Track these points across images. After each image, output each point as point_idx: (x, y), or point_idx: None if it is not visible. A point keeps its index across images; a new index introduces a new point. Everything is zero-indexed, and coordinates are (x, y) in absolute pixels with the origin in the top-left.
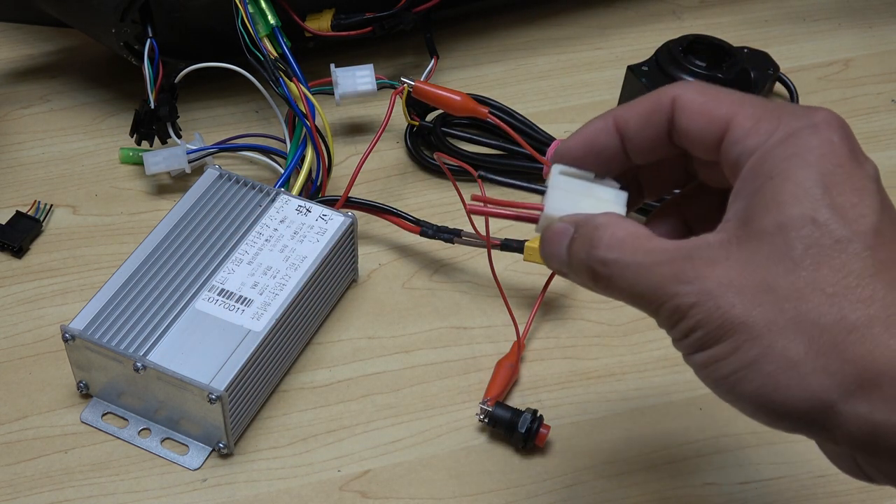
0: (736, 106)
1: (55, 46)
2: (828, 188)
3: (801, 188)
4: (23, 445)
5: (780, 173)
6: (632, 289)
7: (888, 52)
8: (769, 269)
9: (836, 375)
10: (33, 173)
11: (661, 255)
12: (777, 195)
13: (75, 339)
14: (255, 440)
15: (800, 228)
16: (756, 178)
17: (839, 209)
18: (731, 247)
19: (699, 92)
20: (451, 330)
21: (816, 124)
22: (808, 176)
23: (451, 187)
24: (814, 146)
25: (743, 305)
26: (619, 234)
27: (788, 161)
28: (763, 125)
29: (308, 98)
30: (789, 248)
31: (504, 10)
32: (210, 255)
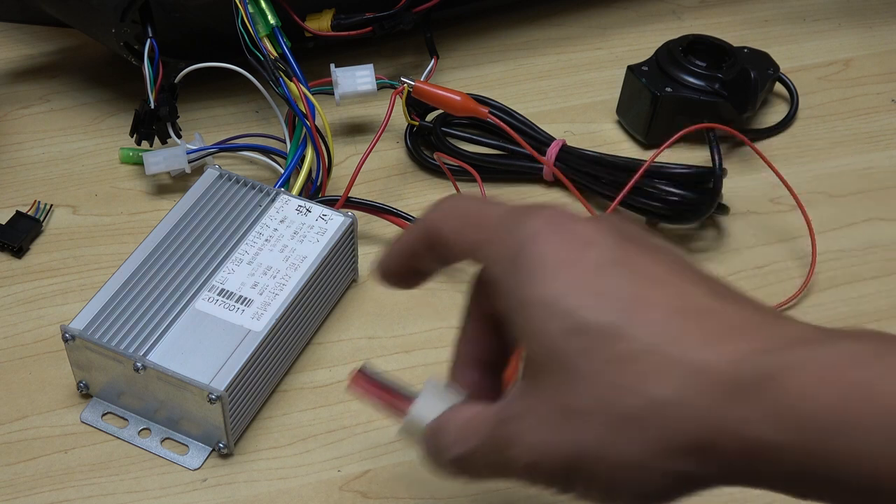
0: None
1: (55, 46)
2: (569, 291)
3: (545, 305)
4: (23, 445)
5: (523, 301)
6: (490, 471)
7: (888, 52)
8: (563, 396)
9: (678, 453)
10: (33, 173)
11: (485, 429)
12: (531, 325)
13: (75, 339)
14: (255, 440)
15: (567, 344)
16: (510, 313)
17: (588, 301)
18: (528, 393)
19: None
20: (451, 330)
21: (534, 232)
22: (545, 291)
23: (451, 187)
24: (536, 256)
25: (564, 441)
26: (458, 426)
27: (524, 285)
28: (493, 252)
29: (308, 98)
30: (569, 368)
31: (504, 10)
32: (210, 254)
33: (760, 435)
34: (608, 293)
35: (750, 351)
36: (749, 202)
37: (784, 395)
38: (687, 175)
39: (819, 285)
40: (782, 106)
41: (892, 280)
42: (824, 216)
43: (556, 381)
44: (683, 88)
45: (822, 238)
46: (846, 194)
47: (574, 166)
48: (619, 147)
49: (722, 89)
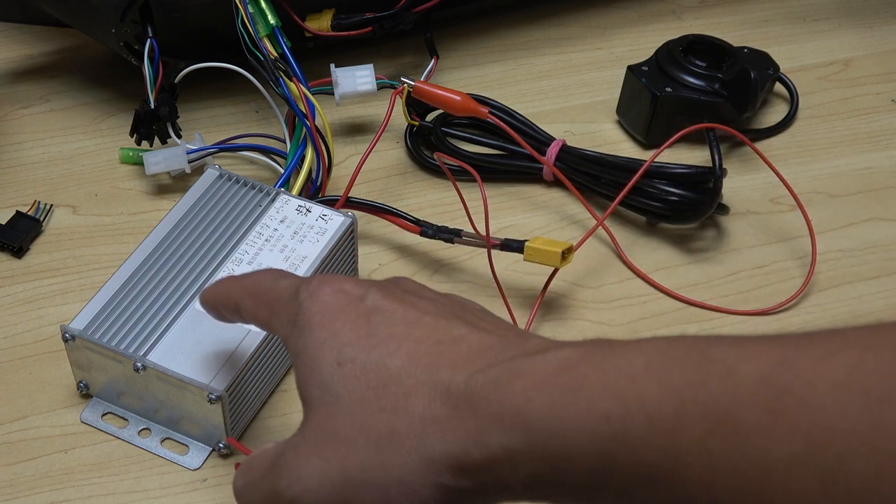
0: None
1: (55, 46)
2: (336, 335)
3: (317, 348)
4: (23, 445)
5: (301, 349)
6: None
7: (888, 52)
8: (332, 424)
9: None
10: (33, 173)
11: (263, 462)
12: (306, 366)
13: (75, 339)
14: (255, 440)
15: (333, 377)
16: (294, 365)
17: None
18: (304, 427)
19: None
20: None
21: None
22: (316, 337)
23: (451, 187)
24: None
25: (334, 468)
26: (245, 463)
27: (301, 337)
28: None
29: (308, 98)
30: (336, 398)
31: (504, 10)
32: (210, 255)
33: (499, 441)
34: (371, 333)
35: (484, 366)
36: (749, 202)
37: (509, 400)
38: (687, 175)
39: (819, 285)
40: (782, 106)
41: (892, 280)
42: (824, 216)
43: (326, 411)
44: (683, 88)
45: (822, 238)
46: (846, 194)
47: (574, 166)
48: (619, 147)
49: (722, 89)
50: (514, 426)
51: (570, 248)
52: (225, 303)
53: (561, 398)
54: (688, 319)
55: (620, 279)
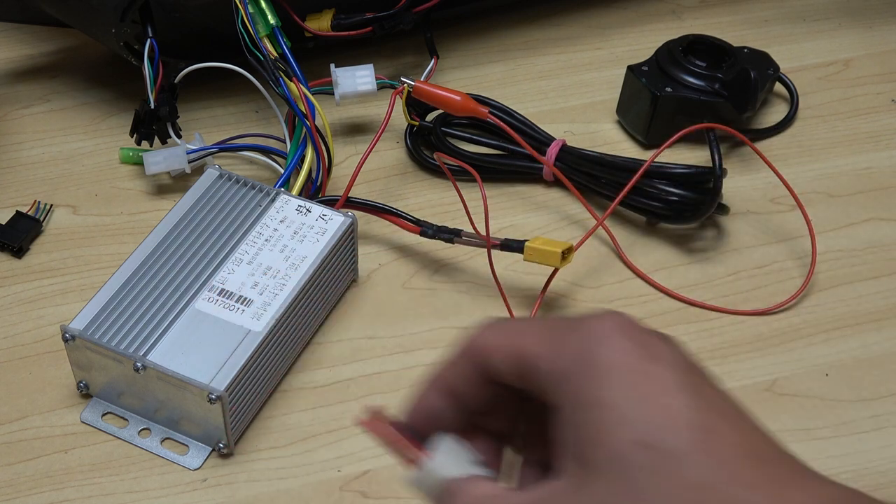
0: (523, 335)
1: (55, 46)
2: (640, 403)
3: (616, 412)
4: (23, 445)
5: (590, 402)
6: None
7: (888, 52)
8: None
9: None
10: (33, 173)
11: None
12: (597, 427)
13: (75, 339)
14: (255, 440)
15: (632, 455)
16: (570, 410)
17: (659, 419)
18: (577, 492)
19: (497, 330)
20: (451, 330)
21: (601, 335)
22: (616, 397)
23: (451, 187)
24: (605, 359)
25: None
26: (472, 498)
27: (591, 385)
28: (553, 349)
29: (308, 98)
30: (630, 479)
31: (504, 10)
32: (210, 255)
33: None
34: (680, 416)
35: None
36: (749, 202)
37: None
38: (687, 175)
39: (819, 285)
40: (782, 106)
41: (892, 280)
42: (824, 216)
43: (613, 488)
44: (683, 88)
45: (822, 238)
46: (846, 194)
47: (574, 166)
48: (619, 147)
49: (722, 89)
50: None
51: (570, 248)
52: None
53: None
54: (688, 319)
55: (620, 279)
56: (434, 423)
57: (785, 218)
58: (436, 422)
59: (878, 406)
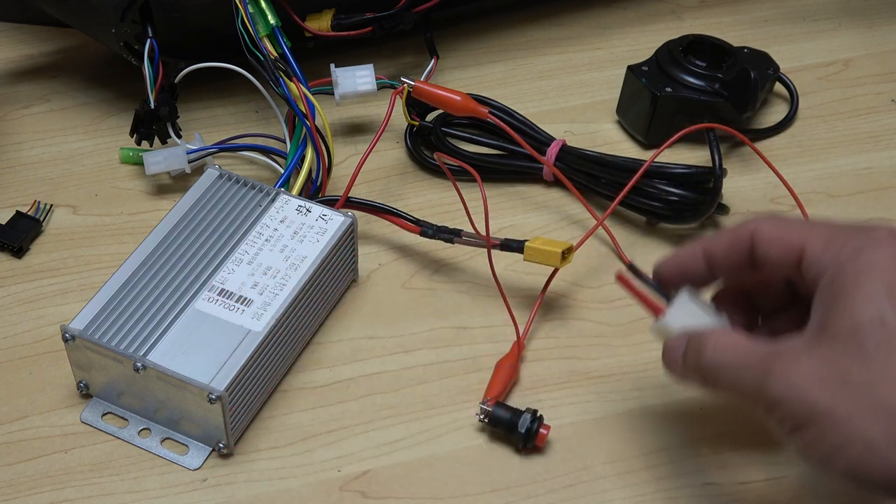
0: (806, 232)
1: (55, 46)
2: (891, 293)
3: (869, 295)
4: (23, 445)
5: (851, 285)
6: (733, 386)
7: (888, 52)
8: (846, 365)
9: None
10: (33, 173)
11: (755, 356)
12: (849, 303)
13: (75, 339)
14: (255, 440)
15: (870, 328)
16: (831, 290)
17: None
18: (812, 347)
19: (774, 224)
20: (451, 330)
21: (878, 240)
22: (874, 286)
23: (451, 187)
24: (877, 260)
25: (825, 397)
26: (721, 341)
27: (857, 275)
28: (832, 246)
29: (308, 98)
30: (862, 346)
31: (504, 10)
32: (210, 255)
33: None
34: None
35: None
36: (749, 202)
37: None
38: (687, 175)
39: None
40: (782, 106)
41: None
42: (824, 216)
43: (845, 352)
44: (683, 88)
45: None
46: (846, 194)
47: (574, 166)
48: (619, 147)
49: (722, 89)
50: None
51: (570, 248)
52: (726, 244)
53: None
54: None
55: None
56: (683, 277)
57: None
58: (685, 276)
59: None
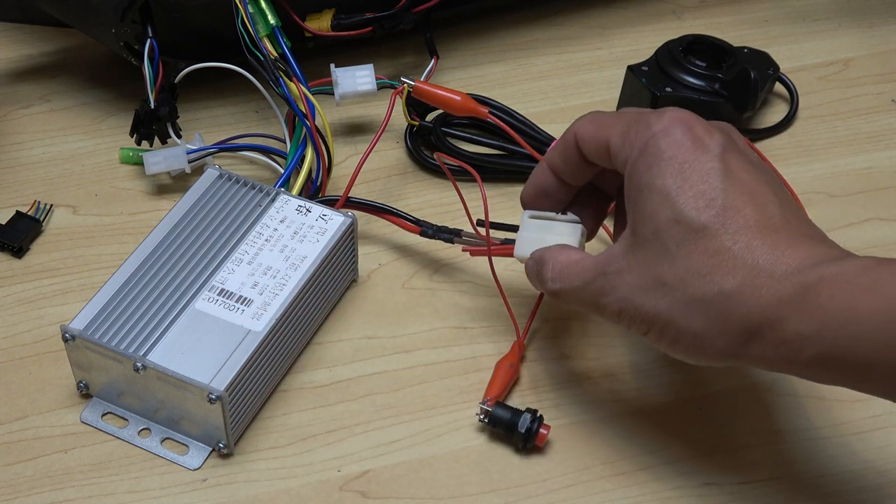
0: (610, 127)
1: (55, 46)
2: (681, 188)
3: (661, 195)
4: (23, 445)
5: (645, 186)
6: (578, 305)
7: (888, 52)
8: (657, 268)
9: (731, 334)
10: (33, 173)
11: (586, 276)
12: (646, 206)
13: (75, 339)
14: (255, 440)
15: (668, 230)
16: (631, 190)
17: (692, 202)
18: (628, 256)
19: (590, 122)
20: (451, 330)
21: (663, 129)
22: (664, 182)
23: (451, 187)
24: (662, 150)
25: (650, 302)
26: (558, 267)
27: (649, 172)
28: (628, 138)
29: (308, 98)
30: (665, 247)
31: (504, 10)
32: (210, 255)
33: (795, 328)
34: (708, 197)
35: (797, 266)
36: None
37: (816, 299)
38: None
39: None
40: (782, 106)
41: None
42: (824, 216)
43: (654, 256)
44: (683, 88)
45: None
46: (846, 194)
47: None
48: None
49: (722, 89)
50: (813, 317)
51: None
52: (559, 153)
53: (859, 295)
54: None
55: None
56: (545, 198)
57: None
58: (546, 197)
59: (878, 406)
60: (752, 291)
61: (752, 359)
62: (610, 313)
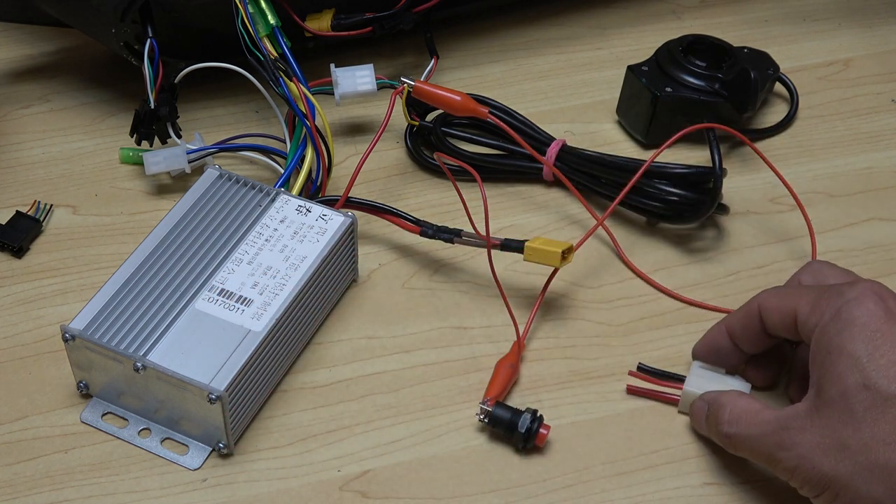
0: (797, 297)
1: (55, 46)
2: (872, 355)
3: (852, 359)
4: (23, 445)
5: (835, 349)
6: (751, 454)
7: (888, 52)
8: (841, 431)
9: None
10: (33, 173)
11: (766, 427)
12: (835, 369)
13: (75, 339)
14: (255, 440)
15: (856, 394)
16: (819, 353)
17: (883, 370)
18: (812, 415)
19: (774, 294)
20: (451, 330)
21: (856, 298)
22: (855, 347)
23: (451, 187)
24: (855, 317)
25: (829, 463)
26: (736, 412)
27: (839, 336)
28: (818, 308)
29: (308, 98)
30: (852, 412)
31: (504, 10)
32: (210, 255)
33: None
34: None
35: None
36: (749, 202)
37: None
38: (687, 175)
39: None
40: (782, 106)
41: (893, 280)
42: (824, 216)
43: (839, 419)
44: (683, 88)
45: (822, 238)
46: (846, 194)
47: (574, 166)
48: (619, 147)
49: (722, 89)
50: None
51: (570, 248)
52: (740, 320)
53: None
54: (688, 319)
55: (620, 279)
56: (717, 355)
57: (785, 218)
58: (718, 354)
59: None
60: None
61: None
62: (784, 469)
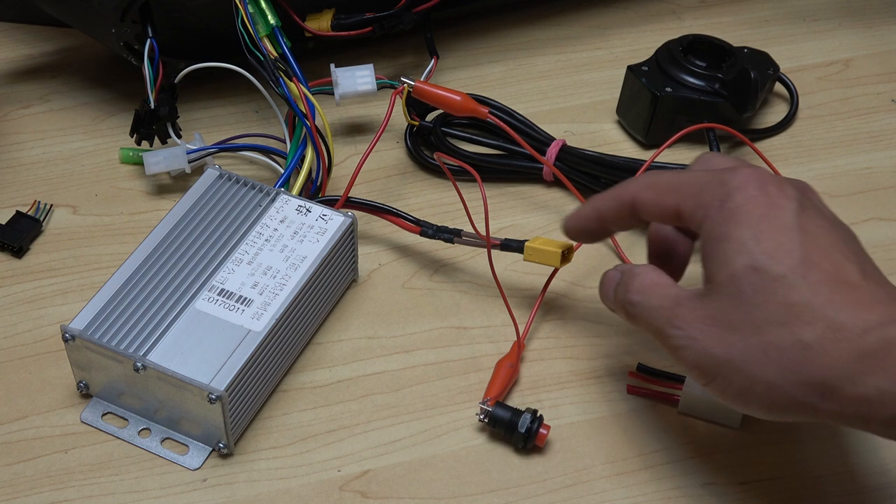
0: (678, 193)
1: (55, 46)
2: (757, 238)
3: (738, 243)
4: (23, 445)
5: (723, 236)
6: (647, 326)
7: (888, 52)
8: (732, 314)
9: (807, 386)
10: (33, 173)
11: (665, 301)
12: (724, 254)
13: (75, 339)
14: (255, 440)
15: (745, 277)
16: (709, 243)
17: (770, 252)
18: (704, 299)
19: (651, 188)
20: (451, 330)
21: (738, 186)
22: (741, 233)
23: (451, 187)
24: (739, 205)
25: (721, 347)
26: (646, 282)
27: (726, 224)
28: (702, 201)
29: (308, 98)
30: (741, 294)
31: (504, 10)
32: (210, 255)
33: (877, 384)
34: (786, 249)
35: (879, 322)
36: None
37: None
38: None
39: None
40: (782, 106)
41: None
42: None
43: (729, 301)
44: (683, 88)
45: None
46: (846, 194)
47: (574, 166)
48: (619, 147)
49: (722, 89)
50: (895, 374)
51: (570, 248)
52: (613, 209)
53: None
54: None
55: None
56: (586, 234)
57: None
58: (587, 234)
59: None
60: (832, 345)
61: (825, 413)
62: (672, 347)
